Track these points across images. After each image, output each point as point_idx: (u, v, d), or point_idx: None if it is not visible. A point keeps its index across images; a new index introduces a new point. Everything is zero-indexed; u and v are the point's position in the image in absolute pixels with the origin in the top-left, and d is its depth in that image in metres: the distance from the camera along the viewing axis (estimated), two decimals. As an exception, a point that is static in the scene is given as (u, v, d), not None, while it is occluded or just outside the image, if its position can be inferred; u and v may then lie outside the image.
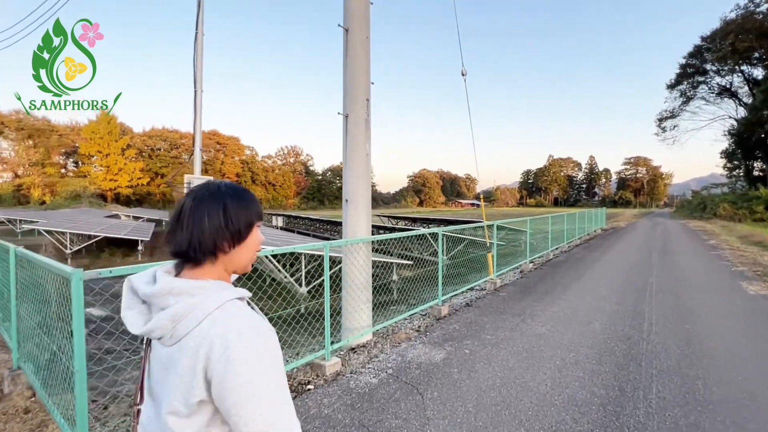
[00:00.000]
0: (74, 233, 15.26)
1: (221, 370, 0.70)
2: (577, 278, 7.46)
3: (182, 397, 0.72)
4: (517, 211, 73.83)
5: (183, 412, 0.73)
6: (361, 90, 3.99)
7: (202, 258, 0.80)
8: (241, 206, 0.83)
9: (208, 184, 0.84)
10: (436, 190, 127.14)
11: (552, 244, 11.58)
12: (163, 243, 0.99)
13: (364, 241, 4.00)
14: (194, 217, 0.79)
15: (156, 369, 0.79)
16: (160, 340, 0.76)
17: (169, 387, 0.74)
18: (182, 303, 0.74)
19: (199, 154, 6.91)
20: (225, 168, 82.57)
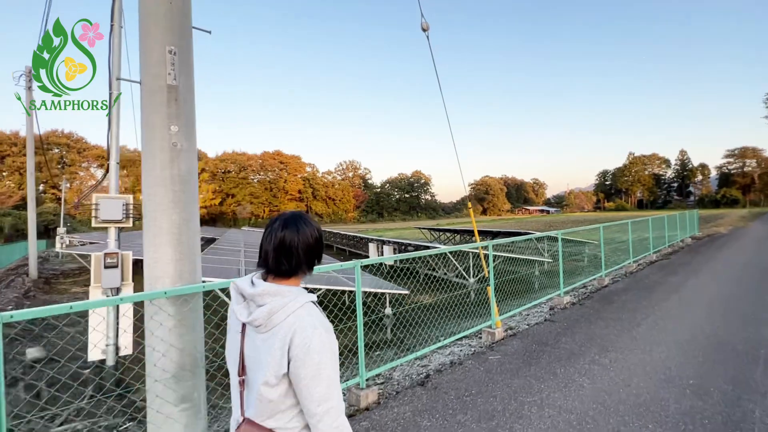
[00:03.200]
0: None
1: (301, 354, 1.01)
2: (633, 326, 4.88)
3: (273, 371, 1.03)
4: (590, 216, 65.98)
5: (272, 382, 1.03)
6: (158, 30, 2.37)
7: (298, 273, 1.14)
8: (321, 231, 1.21)
9: (299, 216, 1.17)
10: (500, 197, 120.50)
11: (608, 265, 8.73)
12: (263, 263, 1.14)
13: (162, 295, 2.30)
14: (300, 244, 1.11)
15: (250, 351, 1.10)
16: (257, 328, 1.06)
17: (264, 364, 1.04)
18: (276, 301, 1.05)
19: (115, 169, 5.77)
20: (288, 186, 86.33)
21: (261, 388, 1.04)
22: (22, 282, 13.28)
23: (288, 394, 1.05)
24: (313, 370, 1.01)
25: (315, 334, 1.03)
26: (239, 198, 79.83)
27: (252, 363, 1.09)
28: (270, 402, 1.05)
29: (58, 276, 17.85)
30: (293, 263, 1.11)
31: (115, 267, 5.40)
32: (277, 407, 1.06)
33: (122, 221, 5.56)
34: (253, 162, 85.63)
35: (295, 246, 1.10)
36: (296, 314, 1.05)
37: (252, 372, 1.09)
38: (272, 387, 1.03)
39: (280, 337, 1.03)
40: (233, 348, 1.17)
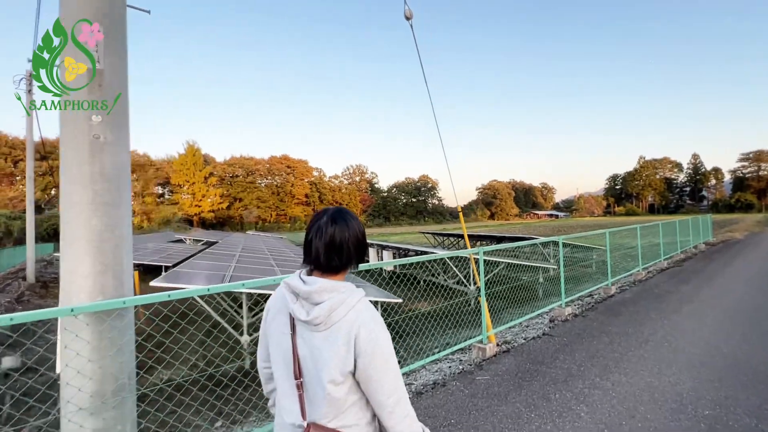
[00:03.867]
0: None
1: (370, 349, 1.00)
2: (640, 342, 4.43)
3: (339, 369, 1.00)
4: (599, 221, 64.77)
5: (339, 380, 1.01)
6: (78, 3, 2.07)
7: (346, 269, 1.11)
8: (361, 225, 1.16)
9: (344, 211, 1.15)
10: (508, 201, 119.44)
11: (615, 273, 8.24)
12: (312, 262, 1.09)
13: (68, 313, 1.96)
14: (350, 239, 1.09)
15: (306, 352, 1.06)
16: (316, 326, 1.03)
17: (327, 362, 1.01)
18: (334, 297, 1.03)
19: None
20: (295, 190, 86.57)
21: (328, 387, 1.02)
22: (18, 286, 13.18)
23: (351, 390, 1.05)
24: (383, 363, 1.03)
25: (378, 328, 1.05)
26: (246, 202, 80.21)
27: (311, 363, 1.06)
28: (337, 401, 1.04)
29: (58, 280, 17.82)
30: (344, 259, 1.09)
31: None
32: (342, 405, 1.05)
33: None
34: (260, 166, 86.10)
35: (345, 241, 1.09)
36: (356, 309, 1.05)
37: (311, 373, 1.06)
38: (338, 385, 1.02)
39: (343, 334, 1.02)
40: (281, 351, 1.12)
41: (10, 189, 54.75)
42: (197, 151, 75.29)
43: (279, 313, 1.14)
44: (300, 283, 1.07)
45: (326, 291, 1.03)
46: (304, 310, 1.05)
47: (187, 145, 75.03)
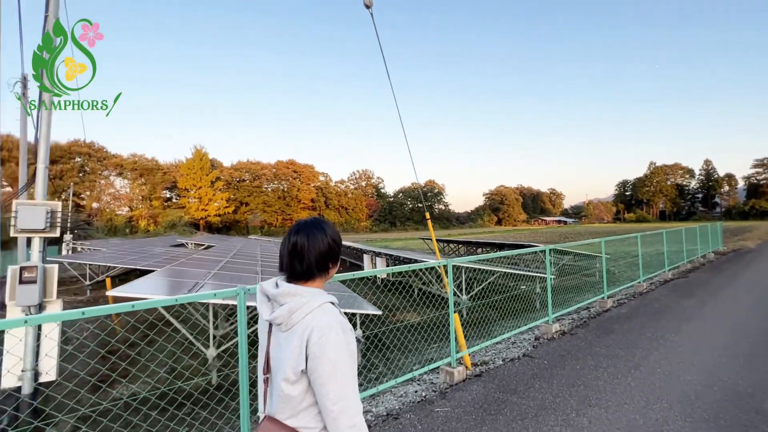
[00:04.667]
0: (95, 265, 15.41)
1: (317, 352, 1.05)
2: (629, 368, 3.94)
3: (292, 368, 1.07)
4: (608, 228, 63.53)
5: (292, 379, 1.07)
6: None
7: (314, 276, 1.18)
8: (337, 235, 1.24)
9: (312, 222, 1.22)
10: (515, 207, 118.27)
11: (614, 284, 7.75)
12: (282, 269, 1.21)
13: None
14: (310, 248, 1.16)
15: (274, 350, 1.16)
16: (279, 326, 1.13)
17: (284, 360, 1.09)
18: (295, 301, 1.11)
19: (43, 173, 5.20)
20: (301, 195, 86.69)
21: (281, 384, 1.09)
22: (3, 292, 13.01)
23: (308, 392, 1.09)
24: (330, 368, 1.05)
25: (332, 333, 1.08)
26: (253, 206, 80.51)
27: (275, 361, 1.15)
28: (291, 399, 1.09)
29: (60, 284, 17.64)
30: (304, 266, 1.17)
31: (33, 283, 4.80)
32: (299, 405, 1.10)
33: (46, 230, 4.98)
34: (266, 171, 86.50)
35: (306, 250, 1.17)
36: (314, 313, 1.11)
37: (274, 370, 1.15)
38: (292, 384, 1.08)
39: (298, 335, 1.09)
40: (261, 348, 1.23)
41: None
42: (205, 155, 75.92)
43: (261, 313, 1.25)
44: (272, 287, 1.18)
45: (290, 294, 1.13)
46: (269, 310, 1.15)
47: (194, 149, 75.71)
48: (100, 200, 67.97)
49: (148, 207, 70.27)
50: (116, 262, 14.12)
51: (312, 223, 1.22)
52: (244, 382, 2.42)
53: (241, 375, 2.41)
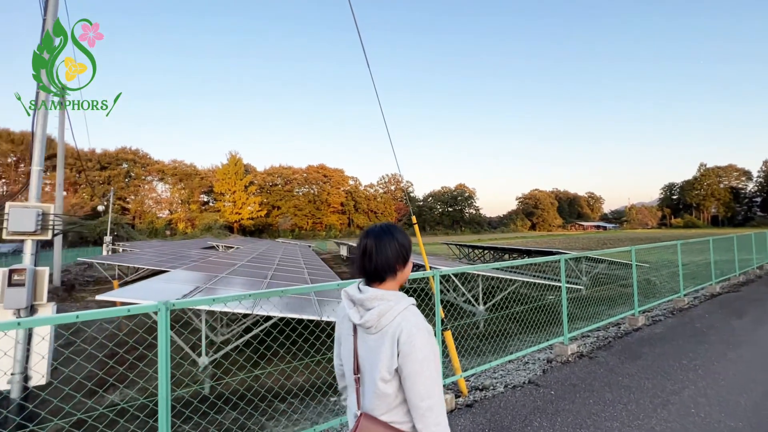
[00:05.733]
0: (125, 266, 15.98)
1: (407, 350, 1.13)
2: (656, 405, 3.22)
3: (386, 368, 1.15)
4: (652, 234, 59.40)
5: (387, 378, 1.15)
6: None
7: (385, 278, 1.25)
8: (405, 238, 1.31)
9: (381, 227, 1.31)
10: (550, 211, 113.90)
11: (649, 298, 6.88)
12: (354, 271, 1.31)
13: None
14: (379, 251, 1.24)
15: (364, 352, 1.23)
16: (368, 329, 1.20)
17: (378, 361, 1.17)
18: (384, 304, 1.19)
19: (37, 174, 5.18)
20: (330, 199, 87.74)
21: (378, 383, 1.17)
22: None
23: (401, 389, 1.17)
24: (418, 366, 1.13)
25: (419, 334, 1.16)
26: (284, 210, 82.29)
27: (366, 362, 1.23)
28: (386, 396, 1.17)
29: (89, 284, 18.54)
30: (374, 268, 1.25)
31: (22, 285, 4.75)
32: (393, 402, 1.18)
33: (36, 233, 4.94)
34: (298, 175, 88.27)
35: (375, 253, 1.25)
36: (402, 315, 1.19)
37: (366, 370, 1.23)
38: (387, 382, 1.16)
39: (389, 336, 1.17)
40: (347, 350, 1.32)
41: (73, 196, 59.77)
42: (239, 160, 78.59)
43: (345, 318, 1.34)
44: (356, 291, 1.27)
45: (376, 299, 1.22)
46: (358, 314, 1.25)
47: (229, 155, 78.57)
48: (143, 204, 71.90)
49: (186, 210, 73.57)
50: (142, 264, 14.53)
51: (381, 228, 1.32)
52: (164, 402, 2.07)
53: (160, 392, 2.06)
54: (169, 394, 2.09)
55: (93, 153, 69.50)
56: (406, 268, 1.30)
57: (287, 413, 4.64)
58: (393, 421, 1.18)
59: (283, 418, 4.57)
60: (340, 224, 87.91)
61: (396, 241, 1.28)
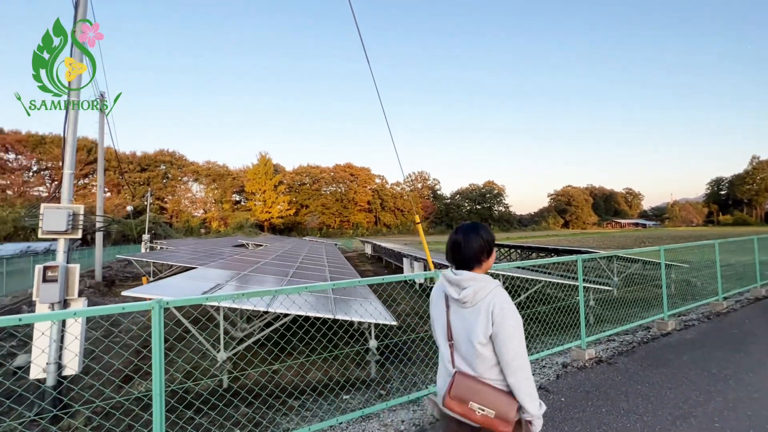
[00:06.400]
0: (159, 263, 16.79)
1: (500, 320, 1.45)
2: (677, 417, 2.97)
3: (483, 334, 1.46)
4: (697, 232, 55.75)
5: (483, 342, 1.47)
6: None
7: (472, 266, 1.58)
8: (489, 235, 1.62)
9: (469, 225, 1.64)
10: (584, 209, 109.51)
11: (683, 300, 6.45)
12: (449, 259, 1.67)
13: None
14: (466, 245, 1.57)
15: (458, 322, 1.56)
16: (464, 303, 1.52)
17: (475, 329, 1.48)
18: (477, 284, 1.51)
19: (68, 178, 5.50)
20: (357, 197, 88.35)
21: (477, 346, 1.48)
22: (83, 285, 14.65)
23: (494, 352, 1.49)
24: (509, 331, 1.45)
25: (509, 307, 1.50)
26: (312, 209, 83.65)
27: (461, 331, 1.56)
28: (483, 357, 1.49)
29: (128, 279, 19.62)
30: (463, 259, 1.59)
31: (55, 281, 5.07)
32: (488, 362, 1.49)
33: (68, 232, 5.26)
34: (325, 174, 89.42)
35: (463, 247, 1.59)
36: (493, 293, 1.52)
37: (462, 337, 1.55)
38: (483, 345, 1.48)
39: (484, 309, 1.49)
40: (440, 323, 1.65)
41: (116, 196, 63.38)
42: (268, 161, 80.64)
43: (438, 298, 1.68)
44: (452, 274, 1.60)
45: (470, 279, 1.54)
46: (456, 292, 1.56)
47: (259, 155, 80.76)
48: (179, 203, 75.28)
49: (219, 209, 76.38)
50: (174, 261, 15.21)
51: (469, 226, 1.64)
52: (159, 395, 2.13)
53: (154, 388, 2.13)
54: (163, 387, 2.15)
55: (134, 156, 73.44)
56: (490, 258, 1.63)
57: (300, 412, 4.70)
58: (488, 378, 1.49)
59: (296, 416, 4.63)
60: (366, 222, 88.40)
61: (481, 237, 1.60)
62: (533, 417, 1.46)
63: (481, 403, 1.45)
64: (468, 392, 1.46)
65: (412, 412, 3.29)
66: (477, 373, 1.48)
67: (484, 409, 1.44)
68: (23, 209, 30.66)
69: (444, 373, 1.61)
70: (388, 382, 5.55)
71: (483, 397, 1.45)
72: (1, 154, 57.46)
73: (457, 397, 1.47)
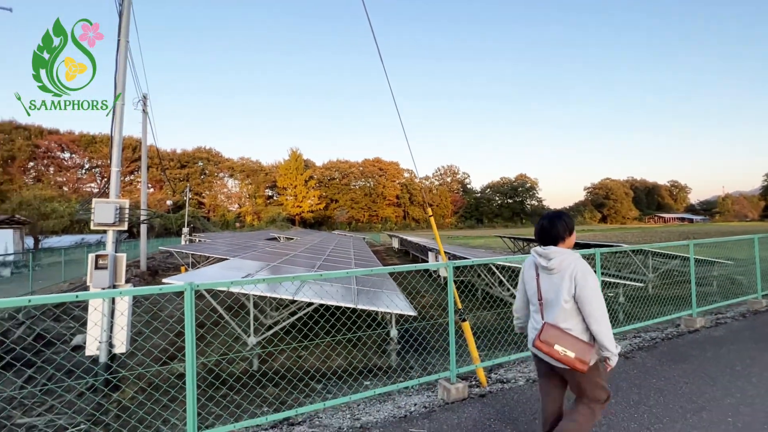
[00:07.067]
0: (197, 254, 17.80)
1: (582, 282, 1.95)
2: (688, 411, 2.93)
3: (567, 293, 1.96)
4: (751, 227, 51.68)
5: (567, 299, 1.97)
6: None
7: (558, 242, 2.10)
8: (569, 219, 2.15)
9: (553, 212, 2.19)
10: (624, 202, 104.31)
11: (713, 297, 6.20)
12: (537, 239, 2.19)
13: None
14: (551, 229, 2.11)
15: (546, 286, 2.07)
16: (551, 270, 2.03)
17: (561, 290, 1.98)
18: (562, 256, 2.01)
19: (116, 175, 6.03)
20: (386, 191, 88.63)
21: (562, 303, 1.98)
22: (130, 274, 15.80)
23: (575, 307, 1.98)
24: (591, 290, 1.96)
25: (589, 272, 2.00)
26: (341, 203, 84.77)
27: (549, 292, 2.06)
28: (567, 311, 1.99)
29: (169, 269, 20.91)
30: (547, 237, 2.12)
31: (105, 269, 5.61)
32: (570, 314, 1.99)
33: (116, 224, 5.79)
34: (354, 169, 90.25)
35: (547, 230, 2.13)
36: (575, 262, 2.01)
37: (550, 297, 2.05)
38: (567, 302, 1.98)
39: (568, 274, 1.98)
40: (531, 287, 2.17)
41: (159, 192, 67.06)
42: (299, 156, 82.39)
43: (529, 268, 2.20)
44: (541, 249, 2.10)
45: (558, 253, 2.03)
46: (544, 262, 2.05)
47: (290, 151, 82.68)
48: (216, 198, 78.59)
49: (253, 204, 79.11)
50: (210, 253, 16.07)
51: (552, 214, 2.17)
52: (191, 367, 2.43)
53: (187, 367, 2.43)
54: (195, 360, 2.44)
55: (174, 153, 77.18)
56: (572, 237, 2.13)
57: (321, 393, 4.99)
58: (569, 327, 1.96)
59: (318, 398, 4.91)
60: (395, 217, 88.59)
61: (563, 221, 2.11)
62: (612, 354, 1.95)
63: (564, 346, 1.91)
64: (553, 338, 1.93)
65: (426, 396, 3.46)
66: (560, 324, 1.96)
67: (567, 351, 1.90)
68: (78, 204, 33.13)
69: (532, 325, 2.15)
70: (408, 370, 5.74)
71: (565, 341, 1.91)
72: (58, 153, 62.33)
73: (545, 341, 1.94)
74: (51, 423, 4.60)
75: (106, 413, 4.60)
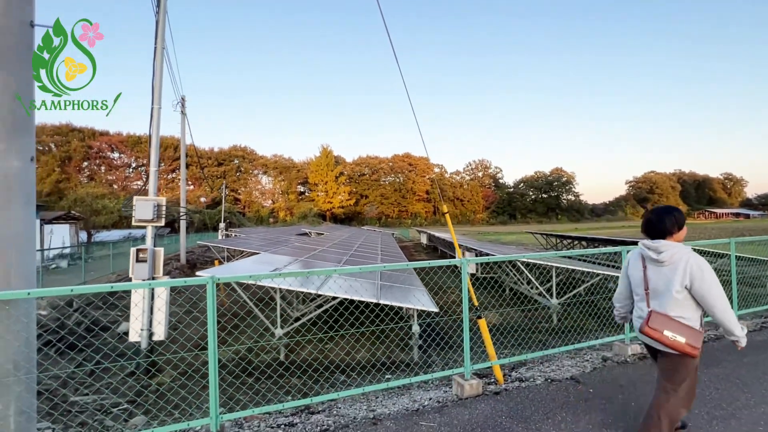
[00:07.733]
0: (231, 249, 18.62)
1: (698, 274, 2.05)
2: (714, 418, 2.79)
3: (680, 284, 2.06)
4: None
5: (679, 290, 2.07)
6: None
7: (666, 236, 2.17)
8: (679, 214, 2.21)
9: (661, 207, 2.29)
10: (670, 197, 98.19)
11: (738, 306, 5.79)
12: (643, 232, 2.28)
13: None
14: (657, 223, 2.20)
15: (655, 277, 2.18)
16: (662, 263, 2.13)
17: (673, 281, 2.08)
18: (674, 249, 2.11)
19: (154, 175, 6.44)
20: (416, 187, 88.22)
21: (674, 293, 2.06)
22: (171, 267, 16.77)
23: (686, 297, 2.07)
24: (707, 285, 2.03)
25: (706, 266, 2.06)
26: (371, 199, 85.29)
27: (658, 283, 2.14)
28: (678, 301, 2.06)
29: (207, 263, 21.98)
30: (654, 231, 2.20)
31: (145, 262, 6.03)
32: (681, 304, 2.07)
33: (154, 220, 6.20)
34: (384, 165, 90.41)
35: (654, 224, 2.20)
36: (687, 255, 2.08)
37: (660, 287, 2.14)
38: (678, 293, 2.05)
39: (681, 266, 2.06)
40: (637, 278, 2.27)
41: (199, 189, 70.27)
42: (330, 153, 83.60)
43: (635, 260, 2.32)
44: (650, 242, 2.18)
45: (668, 246, 2.11)
46: (655, 254, 2.14)
47: (321, 148, 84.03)
48: (251, 195, 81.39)
49: (285, 200, 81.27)
50: (244, 247, 16.75)
51: (661, 208, 2.26)
52: (214, 365, 2.61)
53: (210, 358, 2.61)
54: (216, 349, 2.62)
55: (211, 151, 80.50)
56: (681, 231, 2.20)
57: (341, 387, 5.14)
58: (679, 315, 2.07)
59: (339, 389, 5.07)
60: (425, 212, 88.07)
61: (672, 216, 2.19)
62: (739, 338, 2.11)
63: (673, 332, 2.03)
64: (661, 324, 2.06)
65: (442, 392, 3.50)
66: (669, 312, 2.08)
67: (676, 336, 2.03)
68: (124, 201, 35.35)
69: (637, 314, 2.28)
70: (430, 365, 5.79)
71: (674, 327, 2.05)
72: (109, 153, 66.83)
73: (654, 328, 2.07)
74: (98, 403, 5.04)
75: (146, 396, 4.97)
